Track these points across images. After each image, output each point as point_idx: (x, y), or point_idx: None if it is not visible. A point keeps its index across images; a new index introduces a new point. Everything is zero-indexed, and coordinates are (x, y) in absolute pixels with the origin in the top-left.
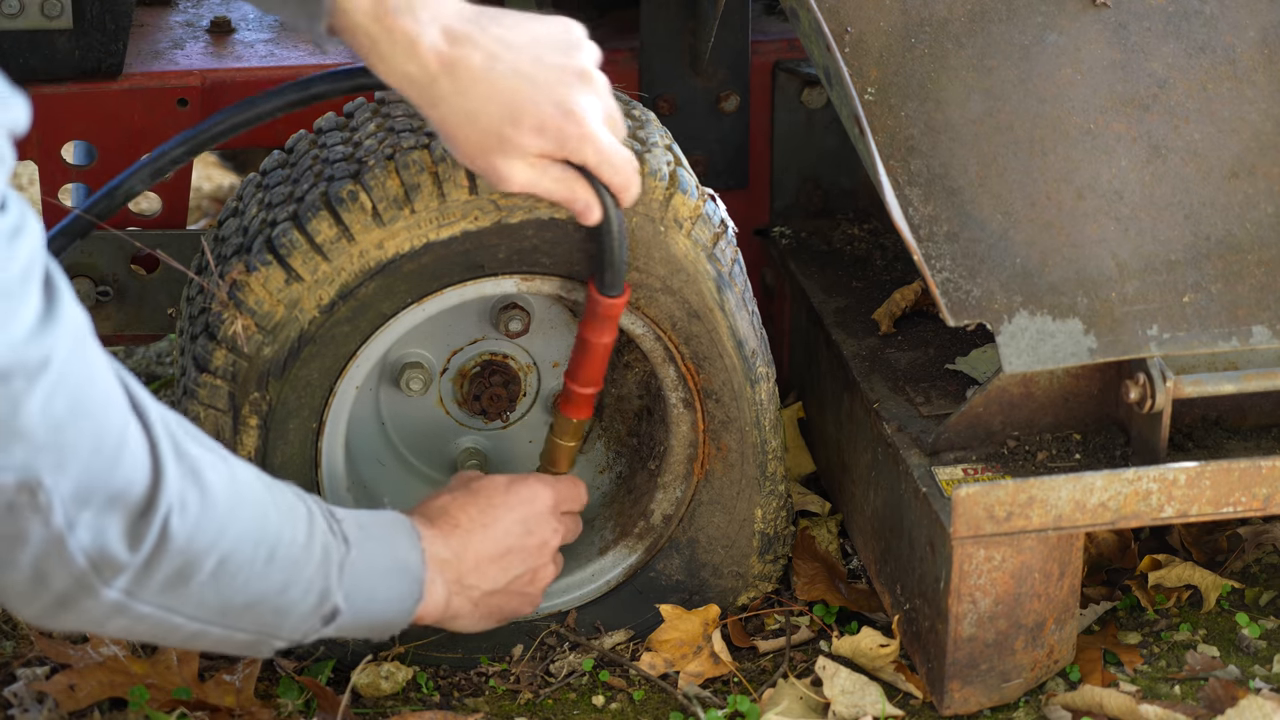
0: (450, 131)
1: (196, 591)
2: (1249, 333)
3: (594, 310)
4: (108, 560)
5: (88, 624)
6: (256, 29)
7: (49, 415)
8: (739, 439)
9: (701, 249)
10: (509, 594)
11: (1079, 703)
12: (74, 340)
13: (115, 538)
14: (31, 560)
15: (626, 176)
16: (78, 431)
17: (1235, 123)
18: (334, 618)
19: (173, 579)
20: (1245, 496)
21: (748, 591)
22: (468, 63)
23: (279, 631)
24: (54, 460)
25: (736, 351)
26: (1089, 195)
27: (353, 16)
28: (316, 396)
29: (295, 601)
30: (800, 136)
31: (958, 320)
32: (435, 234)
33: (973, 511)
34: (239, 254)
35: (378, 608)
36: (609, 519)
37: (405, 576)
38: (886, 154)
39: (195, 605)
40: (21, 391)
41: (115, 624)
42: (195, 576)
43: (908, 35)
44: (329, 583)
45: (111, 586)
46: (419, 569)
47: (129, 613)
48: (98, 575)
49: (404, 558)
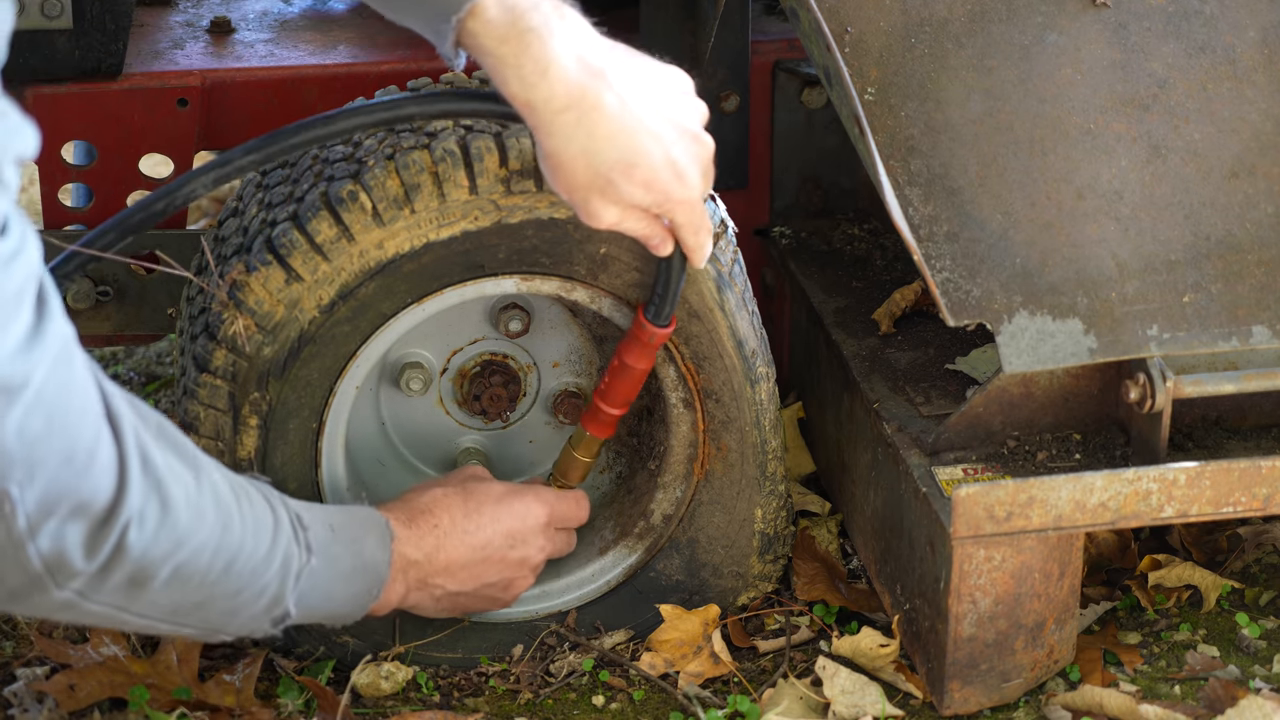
0: (559, 161)
1: (149, 596)
2: (1249, 333)
3: (639, 337)
4: (63, 567)
5: (34, 613)
6: (257, 29)
7: (24, 433)
8: (739, 439)
9: None
10: (476, 597)
11: (1079, 703)
12: (57, 357)
13: (74, 546)
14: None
15: (703, 243)
16: (50, 446)
17: (1235, 123)
18: (283, 620)
19: (126, 585)
20: (1245, 496)
21: (748, 591)
22: (600, 101)
23: (225, 628)
24: (24, 473)
25: (736, 351)
26: (1089, 195)
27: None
28: (316, 396)
29: (246, 604)
30: (800, 136)
31: (958, 320)
32: (435, 234)
33: (973, 511)
34: (239, 254)
35: (333, 606)
36: (609, 519)
37: (366, 577)
38: (886, 154)
39: (146, 606)
40: (1, 409)
41: (63, 616)
42: (150, 584)
43: (908, 35)
44: (284, 589)
45: (64, 589)
46: (383, 570)
47: (77, 609)
48: (51, 578)
49: (370, 559)
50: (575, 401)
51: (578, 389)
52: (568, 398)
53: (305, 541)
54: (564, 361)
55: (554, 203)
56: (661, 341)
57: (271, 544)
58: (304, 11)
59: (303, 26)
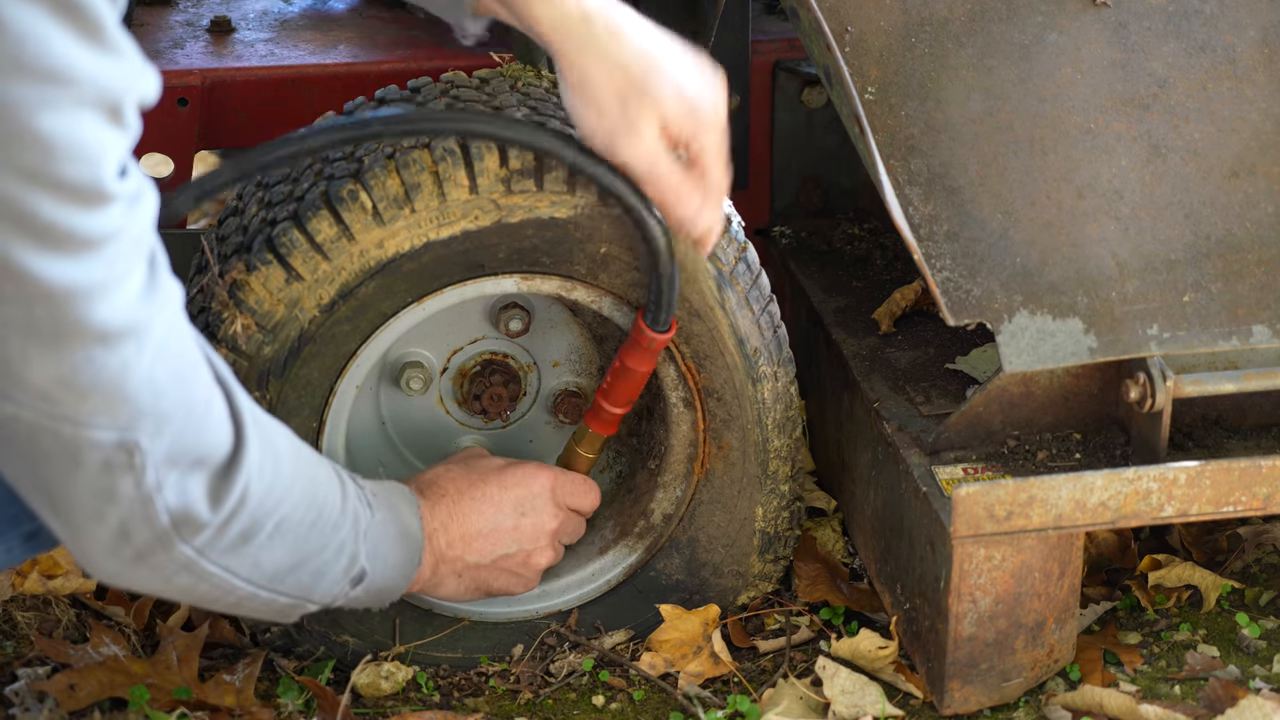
0: (589, 76)
1: (254, 553)
2: (1249, 332)
3: (639, 341)
4: (189, 520)
5: (157, 581)
6: (257, 28)
7: (153, 380)
8: (741, 438)
9: None
10: (497, 570)
11: (1079, 703)
12: (173, 309)
13: (198, 498)
14: (118, 518)
15: (715, 221)
16: (174, 397)
17: (1235, 122)
18: (361, 579)
19: (237, 540)
20: (1245, 496)
21: (748, 591)
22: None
23: (313, 593)
24: (153, 424)
25: (738, 350)
26: (1089, 195)
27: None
28: (317, 396)
29: (330, 563)
30: (800, 136)
31: (958, 319)
32: (435, 233)
33: (973, 511)
34: (239, 253)
35: (389, 572)
36: (609, 518)
37: (409, 543)
38: (887, 153)
39: (251, 567)
40: (132, 355)
41: (181, 581)
42: (256, 538)
43: (908, 35)
44: (358, 546)
45: (188, 544)
46: (419, 536)
47: (195, 570)
48: (177, 533)
49: (407, 524)
50: (575, 401)
51: (578, 388)
52: (568, 397)
53: (365, 499)
54: (564, 361)
55: (554, 202)
56: (662, 345)
57: (342, 499)
58: (304, 11)
59: (303, 26)
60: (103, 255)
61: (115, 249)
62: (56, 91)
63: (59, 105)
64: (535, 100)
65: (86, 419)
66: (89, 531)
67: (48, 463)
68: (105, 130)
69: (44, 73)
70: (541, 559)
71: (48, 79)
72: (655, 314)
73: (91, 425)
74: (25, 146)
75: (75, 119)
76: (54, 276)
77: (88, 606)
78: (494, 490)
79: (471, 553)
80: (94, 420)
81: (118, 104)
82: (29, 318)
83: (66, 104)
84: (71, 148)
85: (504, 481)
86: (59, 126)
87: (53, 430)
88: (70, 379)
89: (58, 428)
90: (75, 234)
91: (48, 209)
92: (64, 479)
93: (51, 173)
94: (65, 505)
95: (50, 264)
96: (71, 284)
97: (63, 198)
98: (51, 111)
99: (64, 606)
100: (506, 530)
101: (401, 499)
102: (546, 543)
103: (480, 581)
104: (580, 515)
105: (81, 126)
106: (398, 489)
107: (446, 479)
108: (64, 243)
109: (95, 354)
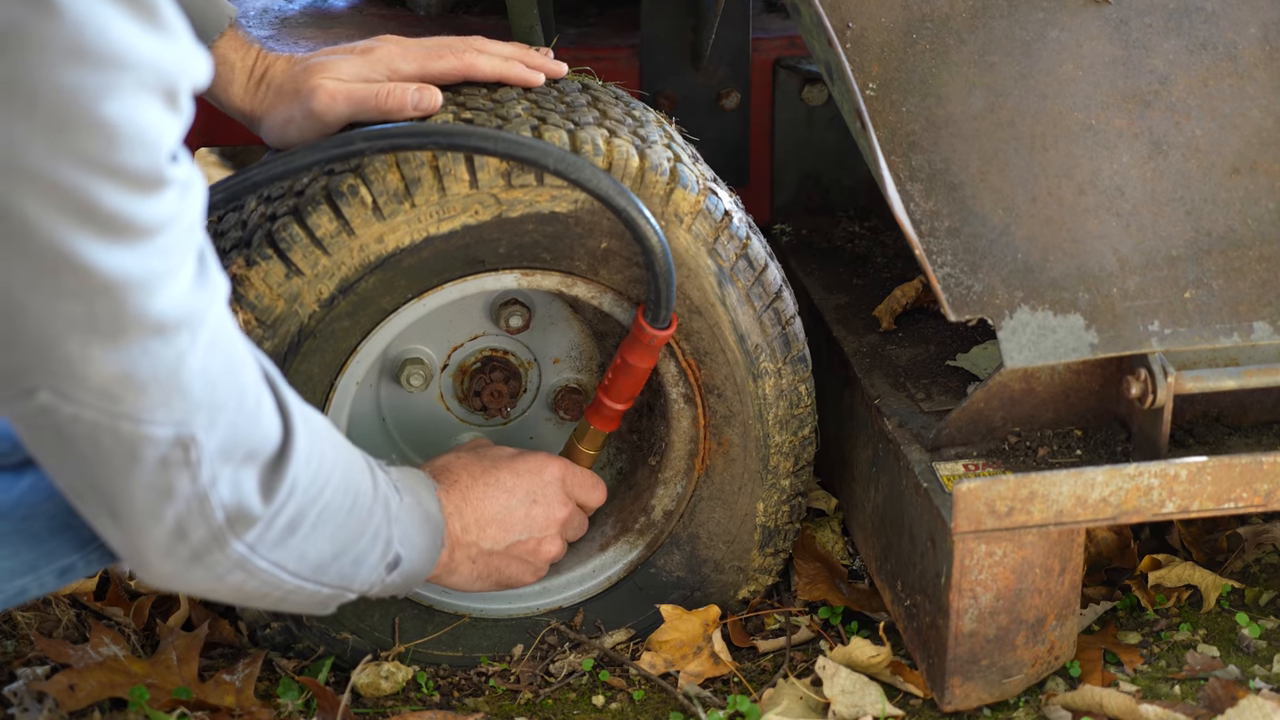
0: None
1: (299, 544)
2: (1250, 328)
3: (639, 338)
4: (243, 515)
5: (209, 580)
6: (257, 25)
7: (207, 372)
8: (742, 433)
9: (702, 244)
10: (509, 558)
11: (1079, 703)
12: (222, 301)
13: (251, 491)
14: (175, 516)
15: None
16: (227, 389)
17: (1236, 119)
18: (397, 565)
19: (285, 532)
20: (1247, 492)
21: (749, 585)
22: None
23: (353, 582)
24: (207, 418)
25: (739, 346)
26: (1090, 191)
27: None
28: (317, 392)
29: (367, 550)
30: (800, 134)
31: (959, 315)
32: (435, 228)
33: (974, 506)
34: (239, 248)
35: (418, 556)
36: (610, 515)
37: (433, 525)
38: (888, 149)
39: (297, 560)
40: (187, 347)
41: (233, 579)
42: (300, 528)
43: (909, 31)
44: (391, 531)
45: (241, 540)
46: (440, 519)
47: (247, 567)
48: (231, 529)
49: (429, 508)
50: (576, 398)
51: (578, 385)
52: (568, 394)
53: (392, 483)
54: (565, 358)
55: (554, 196)
56: (663, 342)
57: (373, 484)
58: (304, 9)
59: (303, 23)
60: (158, 243)
61: (170, 237)
62: (117, 76)
63: (120, 90)
64: (536, 94)
65: (145, 414)
66: (147, 532)
67: (108, 463)
68: (164, 115)
69: (104, 58)
70: (551, 548)
71: (108, 64)
72: (655, 311)
73: (150, 421)
74: (88, 134)
75: (137, 104)
76: (115, 267)
77: (87, 606)
78: (506, 477)
79: (486, 539)
80: (152, 415)
81: (174, 87)
82: (90, 314)
83: (128, 89)
84: (134, 134)
85: (516, 469)
86: (122, 112)
87: (112, 429)
88: (130, 373)
89: (117, 425)
90: (135, 222)
91: (111, 198)
92: (122, 478)
93: (115, 160)
94: (123, 506)
95: (112, 254)
96: (131, 275)
97: (125, 185)
98: (114, 97)
99: (64, 606)
100: (519, 517)
101: (420, 483)
102: (556, 532)
103: (492, 568)
104: (585, 510)
105: (143, 111)
106: (416, 474)
107: (459, 465)
108: (124, 232)
109: (152, 345)
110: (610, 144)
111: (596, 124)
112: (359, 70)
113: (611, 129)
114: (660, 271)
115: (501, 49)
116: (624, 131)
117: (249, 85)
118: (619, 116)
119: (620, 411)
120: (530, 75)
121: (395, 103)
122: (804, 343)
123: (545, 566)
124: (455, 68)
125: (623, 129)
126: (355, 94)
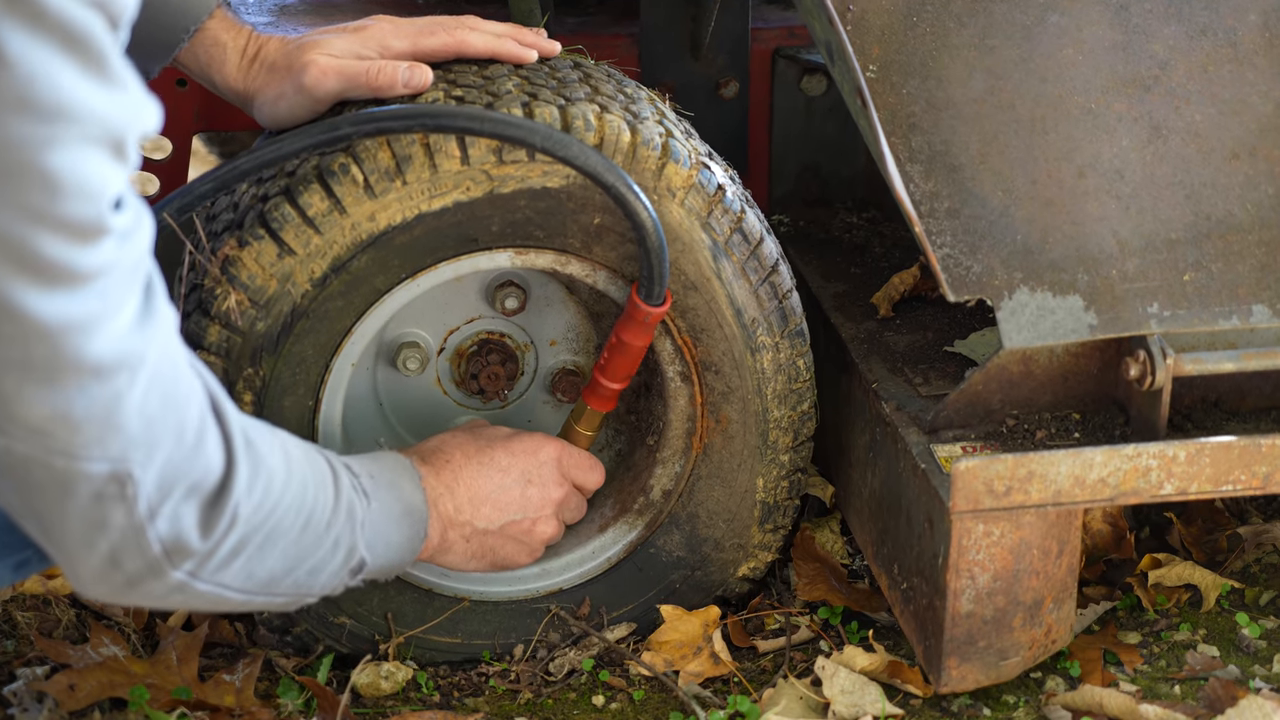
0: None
1: (244, 565)
2: (1249, 311)
3: (634, 316)
4: (180, 548)
5: (148, 601)
6: (256, 12)
7: (145, 410)
8: (740, 410)
9: (696, 218)
10: (503, 537)
11: (1079, 703)
12: (166, 337)
13: (190, 526)
14: (109, 547)
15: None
16: (165, 425)
17: (1236, 104)
18: (360, 569)
19: (227, 558)
20: (1245, 474)
21: (748, 562)
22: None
23: (312, 589)
24: (144, 454)
25: (735, 321)
26: (1090, 174)
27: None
28: (312, 373)
29: (326, 560)
30: (799, 124)
31: (958, 296)
32: (427, 205)
33: (972, 485)
34: (231, 229)
35: (392, 552)
36: (609, 496)
37: (413, 519)
38: (888, 130)
39: (244, 579)
40: (124, 387)
41: (173, 600)
42: (245, 551)
43: (910, 13)
44: (355, 538)
45: (179, 570)
46: (423, 510)
47: (186, 591)
48: (169, 560)
49: (410, 501)
50: (573, 379)
51: (576, 367)
52: (566, 376)
53: (361, 488)
54: (561, 339)
55: (546, 171)
56: (658, 319)
57: (335, 495)
58: None
59: (302, 10)
60: (96, 287)
61: (109, 281)
62: (64, 129)
63: (65, 143)
64: (527, 70)
65: (79, 451)
66: (81, 558)
67: (41, 493)
68: (108, 164)
69: (51, 110)
70: (546, 528)
71: (55, 116)
72: (649, 287)
73: (84, 458)
74: (31, 185)
75: (81, 156)
76: (52, 313)
77: (87, 607)
78: (501, 456)
79: (480, 518)
80: (87, 452)
81: (121, 138)
82: (26, 357)
83: (73, 141)
84: (77, 185)
85: (511, 449)
86: (65, 164)
87: (45, 463)
88: (66, 413)
89: (50, 460)
90: (74, 269)
91: (50, 247)
92: (57, 509)
93: (55, 211)
94: (57, 535)
95: (49, 301)
96: (68, 319)
97: (65, 235)
98: (58, 149)
99: (64, 606)
100: (513, 497)
101: (402, 473)
102: (551, 512)
103: (487, 548)
104: (583, 492)
105: (87, 164)
106: (397, 463)
107: (453, 444)
108: (62, 279)
109: (89, 386)
110: (602, 119)
111: (588, 100)
112: (351, 47)
113: (603, 105)
114: (652, 247)
115: (494, 27)
116: (615, 107)
117: (242, 64)
118: (610, 93)
119: (617, 391)
120: (523, 52)
121: (386, 80)
122: (801, 316)
123: (541, 548)
124: (447, 44)
125: (614, 105)
126: (346, 70)
